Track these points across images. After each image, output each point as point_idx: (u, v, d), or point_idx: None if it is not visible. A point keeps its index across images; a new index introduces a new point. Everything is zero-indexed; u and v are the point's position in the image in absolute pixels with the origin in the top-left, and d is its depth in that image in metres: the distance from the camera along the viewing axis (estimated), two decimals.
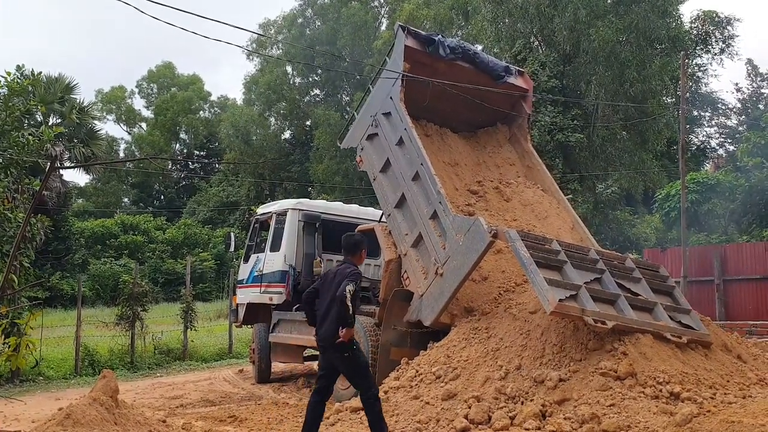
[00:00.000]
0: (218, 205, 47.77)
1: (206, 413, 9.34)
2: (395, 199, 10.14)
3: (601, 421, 6.36)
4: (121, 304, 16.18)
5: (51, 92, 24.85)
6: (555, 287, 7.47)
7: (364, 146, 11.08)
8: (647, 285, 8.51)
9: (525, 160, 11.97)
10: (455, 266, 8.55)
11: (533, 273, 7.59)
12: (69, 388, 13.08)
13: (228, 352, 18.23)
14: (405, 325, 9.18)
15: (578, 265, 8.20)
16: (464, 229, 8.52)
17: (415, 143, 9.86)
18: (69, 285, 30.46)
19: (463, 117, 12.02)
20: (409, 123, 10.09)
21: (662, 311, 8.02)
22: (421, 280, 9.18)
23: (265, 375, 13.20)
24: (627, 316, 7.61)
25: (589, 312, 7.33)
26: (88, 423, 5.75)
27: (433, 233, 9.16)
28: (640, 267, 8.95)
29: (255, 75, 50.76)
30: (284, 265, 12.55)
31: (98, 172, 37.13)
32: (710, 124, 44.56)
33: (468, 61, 11.15)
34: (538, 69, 27.18)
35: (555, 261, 8.11)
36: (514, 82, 11.77)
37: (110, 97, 59.74)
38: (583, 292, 7.62)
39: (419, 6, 42.37)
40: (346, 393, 9.64)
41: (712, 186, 23.77)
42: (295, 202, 13.39)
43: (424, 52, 10.70)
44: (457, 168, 11.36)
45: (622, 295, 7.96)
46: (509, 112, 12.09)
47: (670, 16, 28.61)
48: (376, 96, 11.06)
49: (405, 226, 9.87)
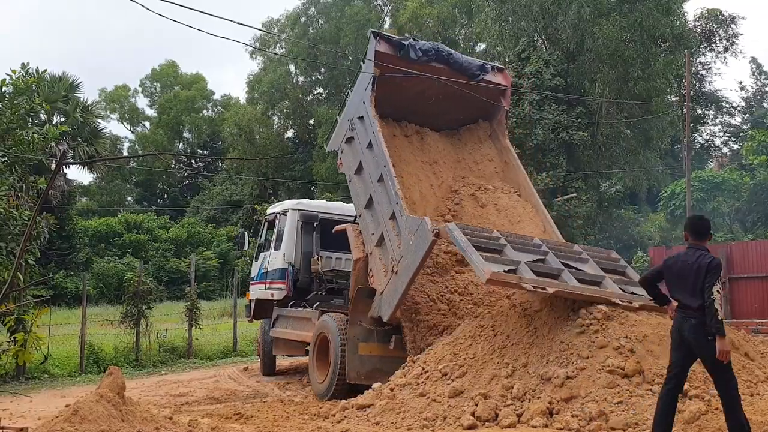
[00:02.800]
0: (222, 203, 47.78)
1: (212, 410, 9.33)
2: (365, 199, 10.49)
3: (609, 418, 6.35)
4: (126, 302, 16.20)
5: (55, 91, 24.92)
6: (492, 262, 7.90)
7: (343, 149, 11.50)
8: (596, 265, 8.83)
9: (503, 156, 12.18)
10: (407, 264, 8.82)
11: (470, 253, 8.01)
12: (74, 385, 13.08)
13: (233, 349, 18.24)
14: (370, 321, 9.47)
15: (519, 248, 8.61)
16: (414, 228, 8.80)
17: (380, 146, 10.13)
18: (73, 283, 30.50)
19: (444, 116, 12.28)
20: (377, 126, 10.37)
21: (611, 283, 8.39)
22: (382, 277, 9.48)
23: (270, 368, 13.80)
24: (571, 285, 7.95)
25: (527, 280, 7.71)
26: (96, 419, 5.75)
27: (392, 233, 9.47)
28: (589, 251, 9.32)
29: (258, 74, 50.76)
30: (284, 262, 13.09)
31: (102, 170, 37.15)
32: (714, 122, 44.51)
33: (442, 62, 11.38)
34: (541, 67, 27.15)
35: (495, 245, 8.53)
36: (492, 79, 11.95)
37: (114, 96, 59.76)
38: (523, 266, 8.02)
39: (422, 4, 42.31)
40: (322, 387, 10.08)
41: (717, 184, 23.77)
42: (295, 203, 14.01)
43: (396, 56, 10.98)
44: (436, 166, 11.73)
45: (566, 270, 8.31)
46: (494, 102, 12.23)
47: (674, 14, 28.56)
48: (353, 100, 11.45)
49: (372, 226, 10.20)
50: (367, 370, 9.37)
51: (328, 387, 9.88)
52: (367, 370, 9.37)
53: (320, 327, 10.62)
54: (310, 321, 11.51)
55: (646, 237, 32.31)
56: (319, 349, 10.56)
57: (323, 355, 10.37)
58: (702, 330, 5.56)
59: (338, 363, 9.65)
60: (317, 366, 10.49)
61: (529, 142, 26.44)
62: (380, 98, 10.80)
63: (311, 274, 12.60)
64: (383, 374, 8.91)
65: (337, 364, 9.68)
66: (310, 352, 10.87)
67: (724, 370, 5.57)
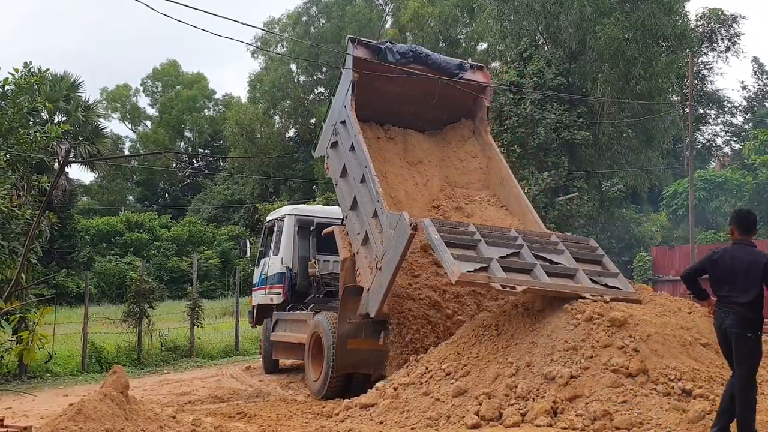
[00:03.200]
0: (223, 203, 47.77)
1: (215, 410, 9.34)
2: (350, 201, 10.66)
3: (613, 417, 6.34)
4: (128, 301, 16.22)
5: (57, 90, 24.91)
6: (463, 261, 8.08)
7: (329, 154, 11.77)
8: (571, 256, 8.93)
9: (486, 151, 12.31)
10: (389, 259, 8.95)
11: (442, 252, 8.18)
12: (77, 384, 13.10)
13: (235, 349, 18.25)
14: (358, 318, 9.61)
15: (493, 243, 8.72)
16: (394, 224, 8.95)
17: (361, 147, 10.30)
18: (74, 283, 30.49)
19: (426, 116, 12.46)
20: (358, 129, 10.58)
21: (584, 276, 8.49)
22: (368, 275, 9.65)
23: (272, 367, 14.00)
24: (541, 281, 8.11)
25: (497, 279, 7.88)
26: (99, 418, 5.75)
27: (375, 230, 9.62)
28: (565, 241, 9.39)
29: (260, 73, 50.74)
30: (282, 267, 13.36)
31: (104, 169, 37.14)
32: (716, 122, 44.47)
33: (420, 63, 11.58)
34: (543, 66, 27.12)
35: (469, 240, 8.63)
36: (471, 77, 12.11)
37: (115, 95, 59.76)
38: (495, 264, 8.15)
39: (424, 4, 42.29)
40: (316, 384, 10.28)
41: (720, 183, 23.76)
42: (292, 208, 14.43)
43: (374, 60, 11.21)
44: (421, 166, 11.93)
45: (538, 264, 8.41)
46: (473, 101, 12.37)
47: (676, 14, 28.52)
48: (335, 106, 11.72)
49: (357, 226, 10.36)
50: (355, 360, 9.67)
51: (322, 384, 10.08)
52: (355, 360, 9.67)
53: (314, 327, 10.81)
54: (305, 323, 11.65)
55: (648, 237, 32.26)
56: (313, 349, 10.75)
57: (318, 354, 10.53)
58: (745, 324, 5.64)
59: (331, 360, 9.83)
60: (312, 365, 10.70)
61: (531, 141, 26.44)
62: (362, 102, 11.01)
63: (309, 277, 12.81)
64: (370, 365, 9.41)
65: (330, 361, 9.86)
66: (306, 352, 11.03)
67: (751, 371, 5.65)
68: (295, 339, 12.11)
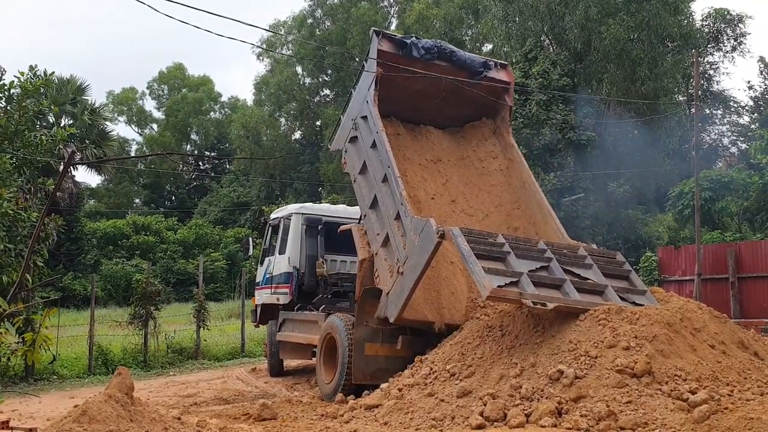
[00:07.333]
0: (229, 205, 47.88)
1: (220, 411, 9.35)
2: (370, 200, 10.43)
3: (618, 418, 6.31)
4: (135, 303, 16.26)
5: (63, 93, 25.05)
6: (493, 275, 7.85)
7: (347, 149, 11.48)
8: (599, 271, 8.74)
9: (507, 153, 12.12)
10: (412, 265, 8.77)
11: (472, 263, 7.92)
12: (83, 386, 13.13)
13: (240, 351, 18.27)
14: (376, 321, 9.45)
15: (523, 255, 8.49)
16: (419, 229, 8.75)
17: (384, 146, 10.09)
18: (81, 285, 30.61)
19: (447, 113, 12.23)
20: (381, 126, 10.35)
21: (613, 293, 8.29)
22: (388, 278, 9.44)
23: (277, 369, 13.89)
24: (572, 298, 7.89)
25: (528, 295, 7.65)
26: (104, 420, 5.75)
27: (397, 233, 9.42)
28: (593, 255, 9.16)
29: (265, 76, 50.87)
30: (289, 266, 13.16)
31: (110, 172, 37.28)
32: (722, 122, 44.28)
33: (445, 60, 11.36)
34: (549, 67, 27.09)
35: (498, 252, 8.42)
36: (495, 76, 11.89)
37: (121, 99, 60.02)
38: (525, 278, 7.95)
39: (429, 5, 42.30)
40: (329, 387, 10.04)
41: (726, 183, 23.63)
42: (299, 207, 14.05)
43: (398, 54, 10.95)
44: (440, 164, 11.70)
45: (568, 279, 8.21)
46: (497, 99, 12.16)
47: (682, 14, 28.49)
48: (356, 100, 11.44)
49: (377, 227, 10.14)
50: (372, 370, 9.36)
51: (335, 387, 9.84)
52: (372, 370, 9.36)
53: (328, 328, 10.58)
54: (316, 323, 11.49)
55: (655, 237, 32.11)
56: (326, 350, 10.52)
57: (330, 356, 10.33)
58: None
59: (345, 363, 9.61)
60: (324, 367, 10.47)
61: (537, 142, 26.38)
62: (383, 97, 10.78)
63: (316, 277, 12.63)
64: (388, 374, 8.92)
65: (344, 365, 9.64)
66: (318, 353, 10.83)
67: None
68: (303, 339, 11.99)
